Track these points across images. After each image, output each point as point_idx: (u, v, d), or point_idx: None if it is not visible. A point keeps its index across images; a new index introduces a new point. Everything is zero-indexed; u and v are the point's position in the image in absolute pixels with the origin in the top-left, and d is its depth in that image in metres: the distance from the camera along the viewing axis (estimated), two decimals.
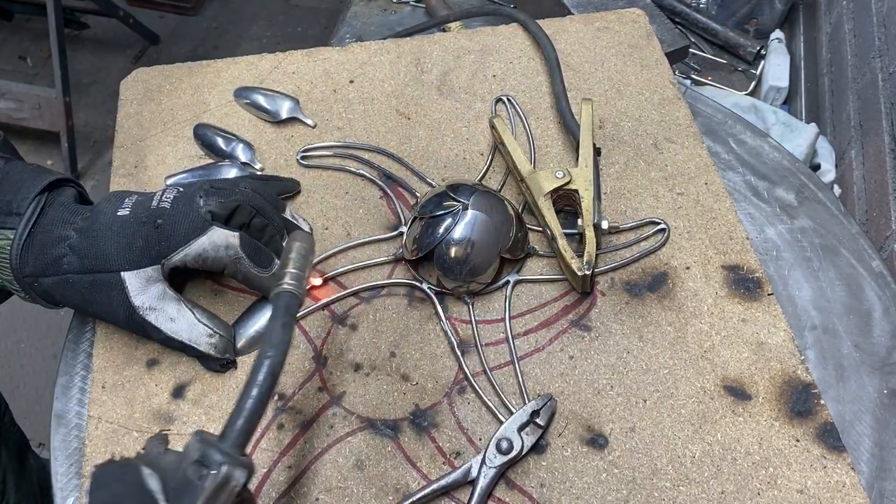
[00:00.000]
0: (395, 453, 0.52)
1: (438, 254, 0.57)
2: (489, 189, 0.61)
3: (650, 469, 0.51)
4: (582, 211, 0.60)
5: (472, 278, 0.58)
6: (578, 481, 0.50)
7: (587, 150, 0.63)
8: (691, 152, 0.67)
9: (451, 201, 0.58)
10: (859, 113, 1.02)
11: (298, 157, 0.68)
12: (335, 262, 0.62)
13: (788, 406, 0.53)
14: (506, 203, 0.60)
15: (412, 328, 0.58)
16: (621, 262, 0.60)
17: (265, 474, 0.51)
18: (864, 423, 0.55)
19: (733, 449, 0.51)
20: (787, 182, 0.69)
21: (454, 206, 0.57)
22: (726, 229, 0.62)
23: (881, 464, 0.54)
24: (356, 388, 0.55)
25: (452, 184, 0.60)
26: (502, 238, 0.58)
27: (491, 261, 0.58)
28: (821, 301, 0.62)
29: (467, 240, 0.56)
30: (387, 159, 0.68)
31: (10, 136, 0.63)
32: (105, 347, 0.57)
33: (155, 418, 0.54)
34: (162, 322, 0.52)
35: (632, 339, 0.56)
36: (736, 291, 0.58)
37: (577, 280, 0.57)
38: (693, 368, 0.55)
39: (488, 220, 0.57)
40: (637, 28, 0.77)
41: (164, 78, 0.75)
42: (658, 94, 0.71)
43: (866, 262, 0.64)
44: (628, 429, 0.52)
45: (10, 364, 1.66)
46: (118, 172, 0.68)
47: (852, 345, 0.59)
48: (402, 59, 0.76)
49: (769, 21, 1.29)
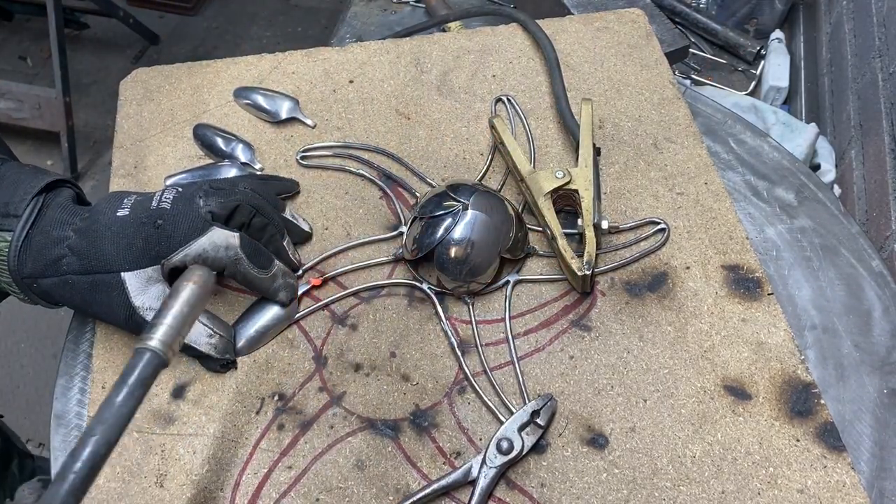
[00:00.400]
0: (395, 453, 0.52)
1: (438, 254, 0.57)
2: (489, 189, 0.61)
3: (650, 469, 0.51)
4: (582, 211, 0.60)
5: (472, 278, 0.58)
6: (579, 481, 0.50)
7: (587, 149, 0.63)
8: (691, 152, 0.67)
9: (451, 201, 0.58)
10: (859, 113, 1.01)
11: (298, 157, 0.68)
12: (335, 262, 0.62)
13: (788, 406, 0.53)
14: (506, 203, 0.60)
15: (412, 328, 0.58)
16: (621, 261, 0.60)
17: (265, 474, 0.51)
18: (864, 422, 0.55)
19: (733, 449, 0.51)
20: (786, 182, 0.69)
21: (454, 206, 0.57)
22: (726, 229, 0.62)
23: (881, 463, 0.54)
24: (356, 388, 0.55)
25: (452, 184, 0.60)
26: (502, 238, 0.58)
27: (491, 261, 0.58)
28: (821, 301, 0.62)
29: (467, 240, 0.56)
30: (386, 159, 0.68)
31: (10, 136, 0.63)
32: (105, 348, 0.57)
33: (155, 419, 0.54)
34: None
35: (632, 339, 0.56)
36: (736, 291, 0.58)
37: (578, 280, 0.57)
38: (693, 368, 0.55)
39: (488, 220, 0.57)
40: (637, 28, 0.77)
41: (163, 78, 0.75)
42: (658, 93, 0.71)
43: (866, 262, 0.64)
44: (628, 429, 0.52)
45: (10, 364, 1.66)
46: (118, 173, 0.68)
47: (852, 344, 0.59)
48: (402, 59, 0.76)
49: (769, 21, 1.29)
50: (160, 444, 0.53)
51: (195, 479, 0.51)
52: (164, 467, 0.52)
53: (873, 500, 0.52)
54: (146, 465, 0.52)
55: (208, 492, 0.51)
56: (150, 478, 0.51)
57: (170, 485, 0.51)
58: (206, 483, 0.51)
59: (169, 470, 0.52)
